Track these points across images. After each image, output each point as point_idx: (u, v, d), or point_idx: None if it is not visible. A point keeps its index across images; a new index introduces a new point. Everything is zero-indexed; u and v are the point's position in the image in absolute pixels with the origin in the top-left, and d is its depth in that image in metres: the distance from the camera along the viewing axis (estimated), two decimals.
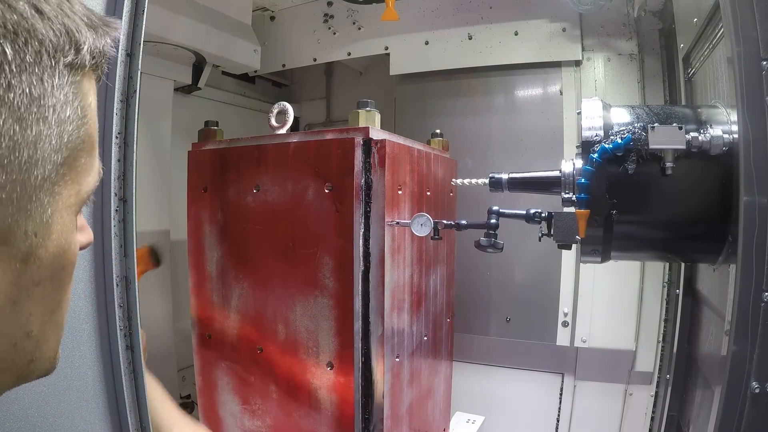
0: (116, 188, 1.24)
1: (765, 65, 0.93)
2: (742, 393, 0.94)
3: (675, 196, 1.23)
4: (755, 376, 0.93)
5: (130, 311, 1.21)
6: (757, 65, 0.92)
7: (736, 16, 0.93)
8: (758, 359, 0.92)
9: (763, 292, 0.93)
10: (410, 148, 1.81)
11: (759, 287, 0.93)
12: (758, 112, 0.93)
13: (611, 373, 2.73)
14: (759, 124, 0.92)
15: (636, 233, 1.34)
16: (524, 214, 1.47)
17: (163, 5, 2.41)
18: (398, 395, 1.78)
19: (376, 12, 3.04)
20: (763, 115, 0.92)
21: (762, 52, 0.92)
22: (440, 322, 2.24)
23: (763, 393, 0.93)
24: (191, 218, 1.90)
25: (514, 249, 2.82)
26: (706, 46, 1.55)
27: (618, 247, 1.34)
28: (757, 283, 0.93)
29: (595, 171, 1.23)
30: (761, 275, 0.92)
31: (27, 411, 1.03)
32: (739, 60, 0.95)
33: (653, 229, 1.32)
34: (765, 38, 0.92)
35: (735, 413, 0.95)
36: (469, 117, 3.05)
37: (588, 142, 1.25)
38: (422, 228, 1.55)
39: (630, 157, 1.22)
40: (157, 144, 2.77)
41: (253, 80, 3.72)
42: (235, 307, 1.82)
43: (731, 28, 0.95)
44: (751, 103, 0.94)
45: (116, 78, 1.22)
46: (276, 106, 1.76)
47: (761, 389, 0.93)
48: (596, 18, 2.68)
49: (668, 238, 1.33)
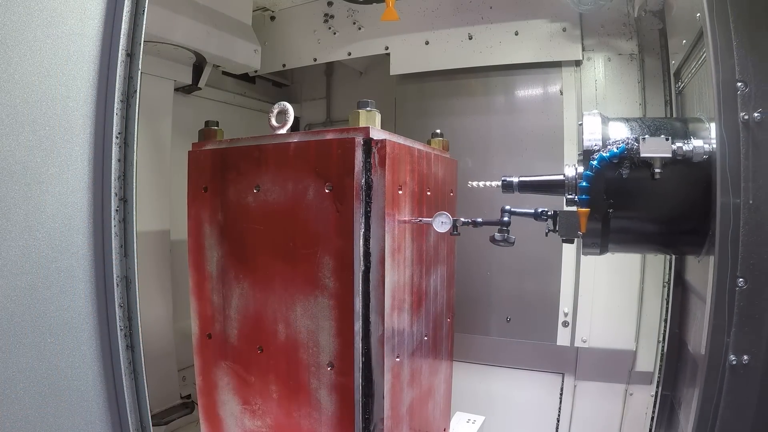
0: (116, 188, 1.24)
1: (740, 86, 1.12)
2: (721, 365, 1.12)
3: (663, 197, 1.43)
4: (732, 350, 1.12)
5: (130, 311, 1.21)
6: (733, 86, 1.11)
7: (716, 45, 1.12)
8: (734, 336, 1.11)
9: (737, 278, 1.11)
10: (410, 148, 1.81)
11: (734, 274, 1.11)
12: (733, 126, 1.11)
13: (611, 373, 2.73)
14: (733, 136, 1.11)
15: (630, 228, 1.52)
16: (533, 212, 1.67)
17: (163, 5, 2.41)
18: (399, 395, 1.78)
19: (376, 12, 3.04)
20: (737, 129, 1.11)
21: (737, 75, 1.11)
22: (440, 322, 2.24)
23: (739, 364, 1.12)
24: (191, 218, 1.90)
25: (514, 249, 2.82)
26: (694, 65, 1.75)
27: (614, 240, 1.52)
28: (732, 271, 1.11)
29: (595, 176, 1.42)
30: (735, 264, 1.11)
31: (27, 411, 1.03)
32: (717, 82, 1.13)
33: (644, 224, 1.51)
34: (741, 64, 1.11)
35: (716, 383, 1.13)
36: (469, 117, 3.05)
37: (588, 151, 1.47)
38: (443, 225, 1.72)
39: (624, 164, 1.43)
40: (157, 144, 2.77)
41: (253, 80, 3.72)
42: (236, 307, 1.82)
43: (712, 55, 1.13)
44: (727, 118, 1.12)
45: (116, 78, 1.22)
46: (276, 106, 1.76)
47: (738, 361, 1.12)
48: (596, 18, 2.68)
49: (657, 233, 1.52)
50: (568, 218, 1.56)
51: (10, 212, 1.10)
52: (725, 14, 1.11)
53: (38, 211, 1.15)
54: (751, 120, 1.11)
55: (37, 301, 1.14)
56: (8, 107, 1.10)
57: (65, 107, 1.20)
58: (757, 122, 1.11)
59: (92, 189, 1.24)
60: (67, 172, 1.21)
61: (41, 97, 1.16)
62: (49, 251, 1.16)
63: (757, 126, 1.11)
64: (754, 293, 1.11)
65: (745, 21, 1.11)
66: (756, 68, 1.10)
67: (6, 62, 1.10)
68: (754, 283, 1.11)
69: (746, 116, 1.12)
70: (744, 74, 1.12)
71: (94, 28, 1.25)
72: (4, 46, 1.09)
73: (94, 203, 1.23)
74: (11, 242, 1.10)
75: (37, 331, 1.13)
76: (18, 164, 1.12)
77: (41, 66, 1.16)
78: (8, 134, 1.10)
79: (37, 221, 1.15)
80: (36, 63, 1.15)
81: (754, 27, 1.10)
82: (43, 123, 1.17)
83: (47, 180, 1.17)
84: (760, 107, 1.10)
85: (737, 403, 1.13)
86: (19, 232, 1.11)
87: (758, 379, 1.11)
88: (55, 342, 1.15)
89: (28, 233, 1.13)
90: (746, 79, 1.12)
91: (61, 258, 1.18)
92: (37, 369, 1.11)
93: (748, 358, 1.12)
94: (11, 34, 1.10)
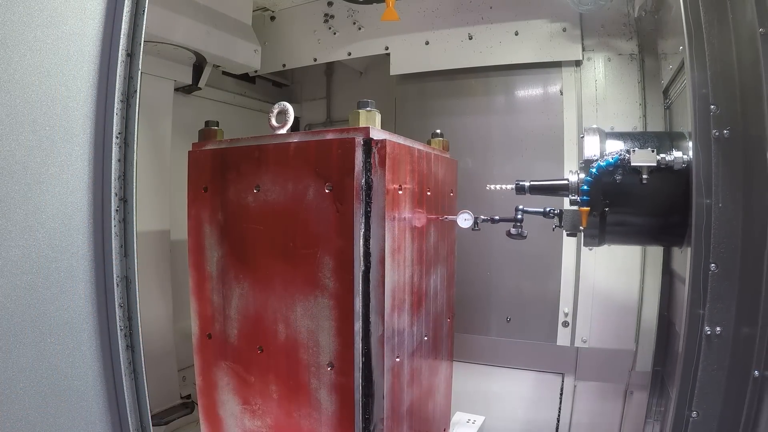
0: (116, 188, 1.24)
1: (713, 108, 1.37)
2: (698, 335, 1.38)
3: (650, 198, 1.73)
4: (707, 323, 1.37)
5: (130, 311, 1.21)
6: (707, 109, 1.38)
7: (694, 75, 1.39)
8: (708, 311, 1.36)
9: (710, 264, 1.37)
10: (410, 148, 1.81)
11: (707, 260, 1.37)
12: (706, 141, 1.38)
13: (611, 373, 2.73)
14: (706, 149, 1.38)
15: (623, 223, 1.82)
16: (542, 211, 1.97)
17: (164, 5, 2.41)
18: (399, 395, 1.78)
19: (376, 12, 3.05)
20: (710, 144, 1.37)
21: (711, 100, 1.38)
22: (440, 322, 2.24)
23: (713, 334, 1.37)
24: (191, 218, 1.90)
25: (514, 249, 2.82)
26: (678, 86, 2.14)
27: (610, 233, 1.81)
28: (705, 258, 1.37)
29: (594, 181, 1.72)
30: (708, 252, 1.37)
31: (27, 411, 1.03)
32: (694, 104, 1.38)
33: (635, 220, 1.82)
34: (714, 91, 1.38)
35: (694, 350, 1.39)
36: (469, 117, 3.05)
37: (588, 160, 1.78)
38: (466, 221, 2.02)
39: (618, 171, 1.72)
40: (157, 144, 2.77)
41: (253, 80, 3.73)
42: (236, 307, 1.82)
43: (690, 83, 1.40)
44: (702, 134, 1.38)
45: (116, 78, 1.22)
46: (276, 106, 1.76)
47: (711, 332, 1.37)
48: (596, 18, 2.68)
49: (646, 228, 1.83)
50: (571, 216, 1.88)
51: (10, 212, 1.10)
52: (702, 50, 1.38)
53: (38, 211, 1.15)
54: (721, 136, 1.37)
55: (37, 301, 1.14)
56: (8, 107, 1.10)
57: (65, 107, 1.20)
58: (726, 138, 1.36)
59: (92, 189, 1.24)
60: (67, 172, 1.21)
61: (41, 97, 1.16)
62: (49, 251, 1.16)
63: (726, 141, 1.36)
64: (723, 276, 1.37)
65: (715, 58, 1.38)
66: (725, 95, 1.37)
67: (6, 62, 1.10)
68: (723, 268, 1.36)
69: (717, 133, 1.37)
70: (716, 99, 1.37)
71: (94, 28, 1.25)
72: (4, 46, 1.09)
73: (94, 203, 1.23)
74: (11, 242, 1.10)
75: (37, 331, 1.13)
76: (18, 164, 1.12)
77: (41, 66, 1.16)
78: (8, 134, 1.10)
79: (37, 221, 1.15)
80: (36, 63, 1.15)
81: (726, 63, 1.37)
82: (43, 123, 1.17)
83: (47, 180, 1.17)
84: (729, 126, 1.36)
85: (711, 366, 1.38)
86: (19, 232, 1.11)
87: (729, 347, 1.36)
88: (55, 342, 1.15)
89: (28, 233, 1.13)
90: (718, 103, 1.37)
91: (61, 258, 1.18)
92: (37, 369, 1.11)
93: (720, 330, 1.37)
94: (11, 34, 1.10)
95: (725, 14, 1.37)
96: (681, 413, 1.40)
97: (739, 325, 1.35)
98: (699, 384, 1.38)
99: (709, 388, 1.37)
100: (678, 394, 1.41)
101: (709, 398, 1.38)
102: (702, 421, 1.38)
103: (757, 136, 1.30)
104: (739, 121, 1.35)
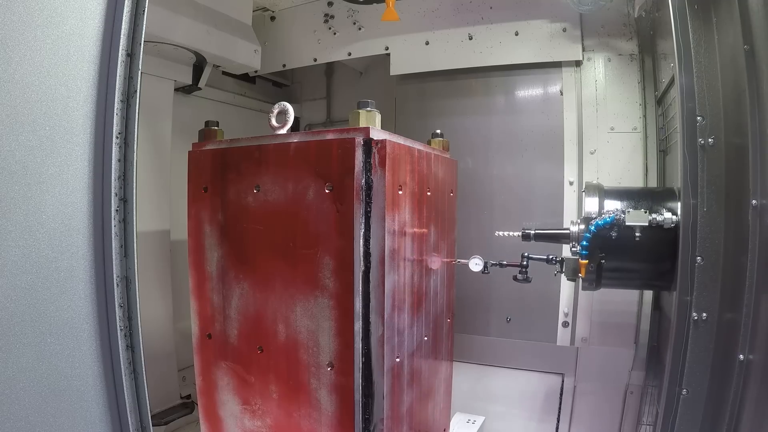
0: (116, 188, 1.24)
1: (699, 119, 1.51)
2: (686, 320, 1.54)
3: (642, 251, 1.93)
4: (694, 309, 1.53)
5: (130, 311, 1.21)
6: (694, 119, 1.52)
7: (683, 91, 1.52)
8: (695, 299, 1.53)
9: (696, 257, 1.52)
10: (411, 148, 1.81)
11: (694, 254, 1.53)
12: (693, 148, 1.51)
13: (611, 373, 2.73)
14: (693, 155, 1.52)
15: (617, 271, 2.03)
16: (545, 258, 2.22)
17: (164, 5, 2.41)
18: (399, 395, 1.78)
19: (376, 12, 3.05)
20: (696, 150, 1.52)
21: (697, 111, 1.52)
22: (440, 322, 2.24)
23: (699, 320, 1.53)
24: (191, 218, 1.90)
25: (514, 249, 2.82)
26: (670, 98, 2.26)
27: (606, 278, 2.03)
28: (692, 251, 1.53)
29: (591, 236, 1.93)
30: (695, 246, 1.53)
31: (27, 411, 1.03)
32: (683, 115, 1.52)
33: (628, 271, 2.04)
34: (700, 103, 1.51)
35: (683, 334, 1.54)
36: (469, 117, 3.05)
37: (587, 218, 1.99)
38: (476, 266, 2.29)
39: (613, 229, 1.93)
40: (157, 144, 2.77)
41: (253, 80, 3.72)
42: (236, 307, 1.82)
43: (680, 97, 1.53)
44: (689, 142, 1.52)
45: (116, 78, 1.22)
46: (276, 106, 1.76)
47: (698, 317, 1.53)
48: (596, 18, 2.68)
49: (637, 277, 2.08)
50: (572, 264, 2.08)
51: (10, 212, 1.10)
52: (690, 67, 1.53)
53: (38, 211, 1.15)
54: (706, 144, 1.52)
55: (37, 301, 1.14)
56: (8, 107, 1.10)
57: (65, 107, 1.20)
58: (710, 145, 1.52)
59: (92, 189, 1.24)
60: (67, 172, 1.21)
61: (41, 97, 1.16)
62: (49, 251, 1.16)
63: (710, 148, 1.52)
64: (708, 268, 1.53)
65: (702, 73, 1.53)
66: (710, 107, 1.52)
67: (6, 62, 1.10)
68: (708, 261, 1.53)
69: (702, 141, 1.52)
70: (702, 111, 1.52)
71: (94, 28, 1.25)
72: (4, 46, 1.09)
73: (94, 203, 1.23)
74: (11, 242, 1.10)
75: (37, 331, 1.13)
76: (18, 164, 1.12)
77: (41, 66, 1.16)
78: (8, 134, 1.10)
79: (37, 221, 1.15)
80: (36, 63, 1.15)
81: (712, 78, 1.52)
82: (43, 123, 1.17)
83: (47, 180, 1.17)
84: (713, 135, 1.51)
85: (698, 348, 1.54)
86: (19, 232, 1.11)
87: (713, 331, 1.52)
88: (55, 342, 1.15)
89: (28, 233, 1.13)
90: (703, 114, 1.52)
91: (61, 258, 1.18)
92: (37, 369, 1.11)
93: (706, 315, 1.53)
94: (11, 34, 1.10)
95: (711, 36, 1.53)
96: (672, 390, 1.56)
97: (722, 312, 1.51)
98: (688, 364, 1.54)
99: (697, 367, 1.54)
100: (669, 373, 1.56)
101: (697, 377, 1.54)
102: (691, 397, 1.55)
103: (738, 144, 1.44)
104: (722, 131, 1.51)
